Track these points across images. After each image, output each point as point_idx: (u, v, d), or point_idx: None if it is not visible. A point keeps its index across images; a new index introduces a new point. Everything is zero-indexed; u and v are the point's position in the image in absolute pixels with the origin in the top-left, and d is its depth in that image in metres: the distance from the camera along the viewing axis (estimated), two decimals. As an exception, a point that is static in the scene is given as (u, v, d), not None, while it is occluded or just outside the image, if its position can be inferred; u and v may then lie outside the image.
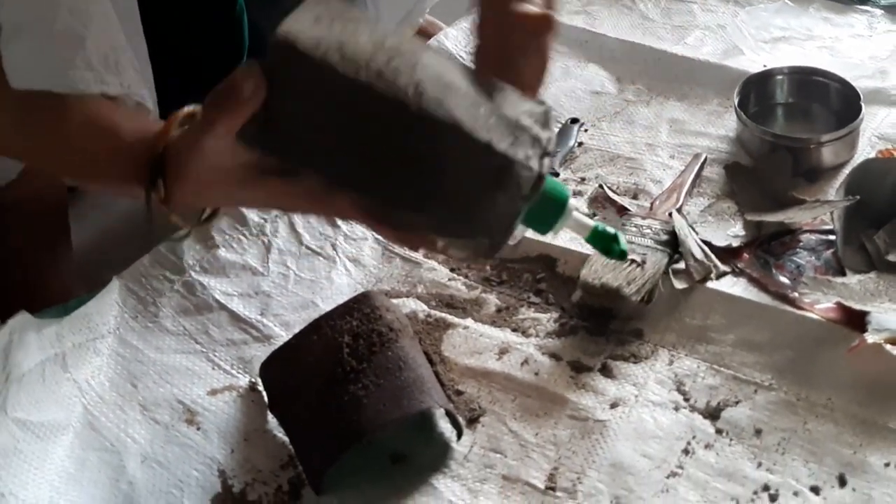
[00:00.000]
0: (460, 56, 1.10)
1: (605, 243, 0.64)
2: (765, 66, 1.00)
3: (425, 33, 1.16)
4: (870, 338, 0.70)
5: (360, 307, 0.75)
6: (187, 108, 0.65)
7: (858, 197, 0.81)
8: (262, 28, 1.04)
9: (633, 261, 0.79)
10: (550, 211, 0.62)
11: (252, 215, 0.93)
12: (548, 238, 0.86)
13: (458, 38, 1.11)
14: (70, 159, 0.70)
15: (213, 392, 0.78)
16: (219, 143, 0.61)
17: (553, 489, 0.67)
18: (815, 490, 0.65)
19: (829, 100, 0.96)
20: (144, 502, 0.70)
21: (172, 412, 0.76)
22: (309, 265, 0.89)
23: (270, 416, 0.75)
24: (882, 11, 1.09)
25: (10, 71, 0.67)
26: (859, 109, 0.90)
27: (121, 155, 0.65)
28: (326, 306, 0.82)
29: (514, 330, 0.80)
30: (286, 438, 0.73)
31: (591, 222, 0.64)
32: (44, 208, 0.96)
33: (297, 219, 0.92)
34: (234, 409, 0.76)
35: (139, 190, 0.64)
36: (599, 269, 0.79)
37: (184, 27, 0.99)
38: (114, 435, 0.74)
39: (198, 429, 0.75)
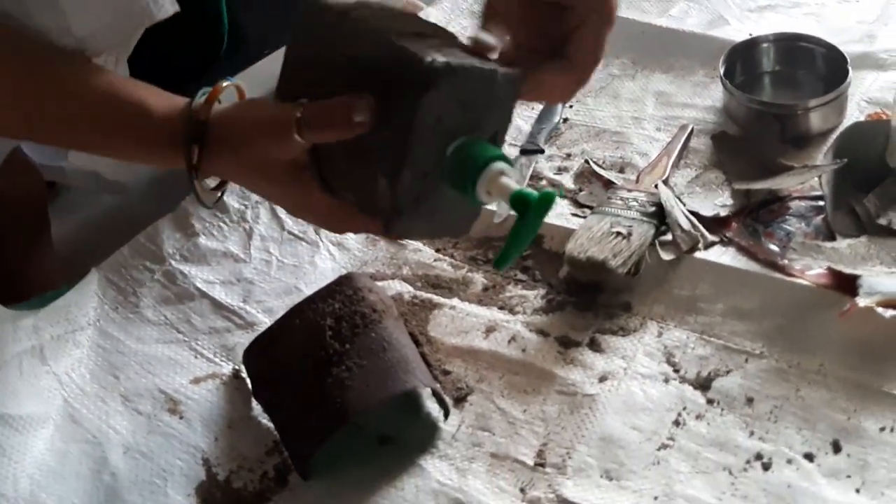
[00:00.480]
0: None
1: (531, 208, 0.57)
2: (750, 34, 0.98)
3: (411, 9, 1.14)
4: (861, 301, 0.69)
5: (343, 289, 0.74)
6: (226, 82, 0.65)
7: (846, 160, 0.79)
8: (241, 24, 1.03)
9: (618, 233, 0.78)
10: (468, 169, 0.57)
11: (232, 202, 0.91)
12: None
13: (438, 18, 1.09)
14: (90, 131, 0.68)
15: (196, 381, 0.76)
16: (277, 148, 0.61)
17: (542, 465, 0.66)
18: (809, 457, 0.64)
19: (815, 66, 0.94)
20: (127, 493, 0.69)
21: (155, 402, 0.75)
22: (292, 250, 0.88)
23: (255, 403, 0.74)
24: (868, -25, 1.07)
25: None
26: (846, 73, 0.88)
27: (151, 123, 0.65)
28: (310, 291, 0.81)
29: (500, 308, 0.79)
30: (271, 425, 0.71)
31: (515, 186, 0.57)
32: (23, 200, 0.95)
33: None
34: (218, 398, 0.75)
35: (171, 155, 0.64)
36: (585, 243, 0.78)
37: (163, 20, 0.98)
38: (95, 426, 0.73)
39: (181, 418, 0.74)
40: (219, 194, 0.70)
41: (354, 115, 0.57)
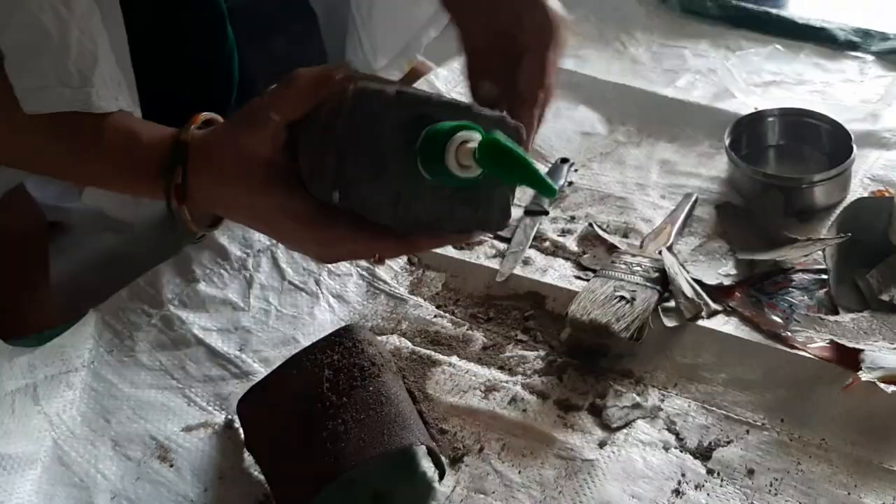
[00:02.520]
0: (451, 95, 1.09)
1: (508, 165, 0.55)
2: (756, 108, 1.00)
3: (417, 73, 1.15)
4: (864, 376, 0.69)
5: (342, 341, 0.73)
6: (205, 115, 0.68)
7: (850, 234, 0.80)
8: (252, 65, 1.04)
9: (622, 297, 0.78)
10: (432, 148, 0.57)
11: (234, 249, 0.91)
12: (536, 275, 0.86)
13: (448, 79, 1.11)
14: (86, 166, 0.70)
15: (188, 429, 0.75)
16: (254, 137, 0.63)
17: (538, 529, 0.65)
18: (810, 532, 0.63)
19: (820, 141, 0.95)
20: (112, 541, 0.67)
21: (145, 448, 0.73)
22: (291, 301, 0.87)
23: (247, 455, 0.72)
24: (873, 58, 1.09)
25: (22, 95, 0.67)
26: (851, 150, 0.89)
27: (141, 152, 0.67)
28: (308, 343, 0.80)
29: (500, 368, 0.78)
30: (262, 477, 0.70)
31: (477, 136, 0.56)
32: (22, 236, 0.94)
33: (280, 253, 0.91)
34: (210, 447, 0.74)
35: (155, 185, 0.65)
36: (588, 306, 0.77)
37: (174, 63, 0.99)
38: (83, 470, 0.71)
39: (171, 466, 0.72)
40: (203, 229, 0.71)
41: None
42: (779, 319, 0.78)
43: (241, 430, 0.73)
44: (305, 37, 1.11)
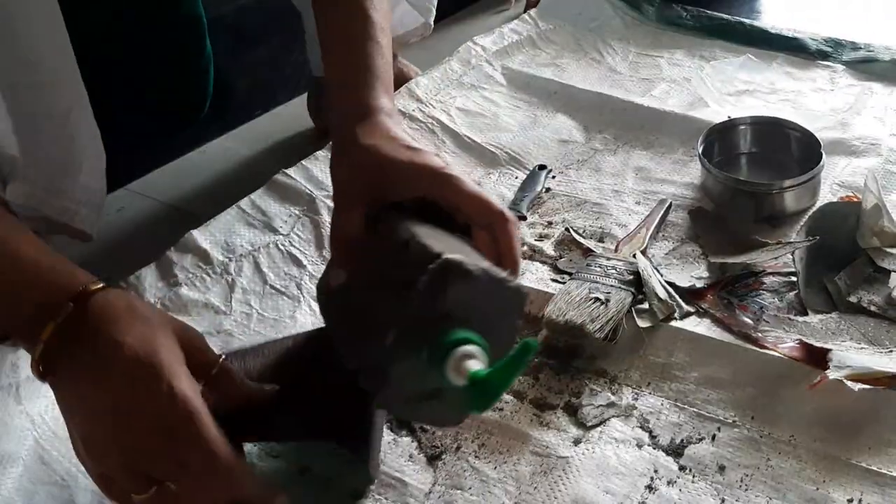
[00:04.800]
0: (430, 104, 1.11)
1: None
2: (729, 117, 1.02)
3: (402, 77, 1.17)
4: (832, 375, 0.70)
5: (321, 334, 0.74)
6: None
7: (819, 237, 0.82)
8: (227, 77, 1.06)
9: (597, 299, 0.79)
10: (440, 348, 0.58)
11: (216, 254, 0.92)
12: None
13: (428, 87, 1.12)
14: None
15: (170, 428, 0.76)
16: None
17: (514, 524, 0.66)
18: (778, 526, 0.64)
19: (790, 149, 0.97)
20: (93, 538, 0.68)
21: (127, 447, 0.74)
22: (273, 304, 0.88)
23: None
24: (843, 67, 1.12)
25: None
26: (820, 157, 0.92)
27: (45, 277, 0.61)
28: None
29: (477, 368, 0.79)
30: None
31: (476, 367, 0.56)
32: None
33: (262, 258, 0.92)
34: (191, 446, 0.75)
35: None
36: (564, 307, 0.79)
37: (150, 73, 1.00)
38: (64, 469, 0.72)
39: (152, 464, 0.73)
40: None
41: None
42: (749, 321, 0.79)
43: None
44: (285, 48, 1.13)
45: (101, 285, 0.61)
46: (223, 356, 0.66)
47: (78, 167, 0.84)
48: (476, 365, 0.56)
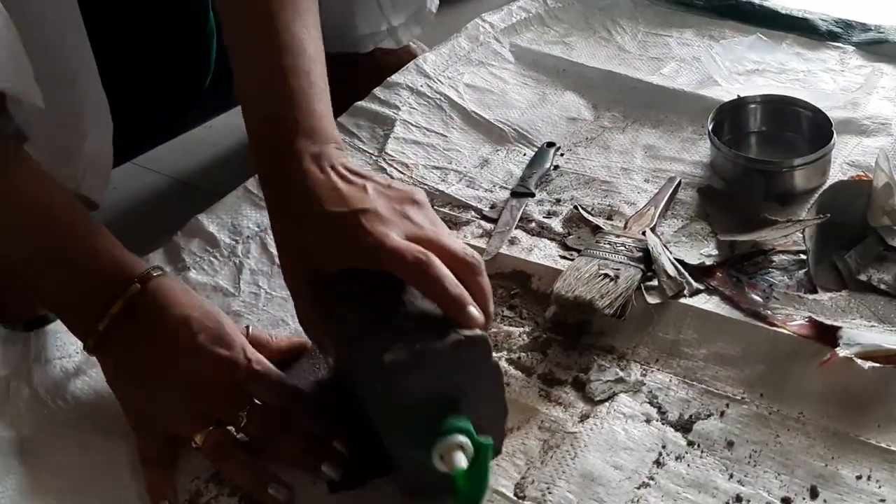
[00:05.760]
0: (438, 80, 1.11)
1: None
2: (738, 96, 1.01)
3: (409, 54, 1.16)
4: (841, 352, 0.70)
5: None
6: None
7: (829, 215, 0.81)
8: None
9: (606, 275, 0.79)
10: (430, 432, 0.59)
11: (223, 237, 0.92)
12: (522, 254, 0.87)
13: (436, 63, 1.12)
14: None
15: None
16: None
17: (522, 499, 0.66)
18: (787, 501, 0.64)
19: (801, 128, 0.97)
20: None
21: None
22: (281, 283, 0.86)
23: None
24: (853, 48, 1.11)
25: None
26: (831, 136, 0.91)
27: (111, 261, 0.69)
28: (297, 324, 0.81)
29: (485, 344, 0.79)
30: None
31: (462, 464, 0.57)
32: None
33: (269, 238, 0.92)
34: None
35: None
36: (573, 283, 0.79)
37: (152, 43, 0.99)
38: (76, 453, 0.72)
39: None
40: None
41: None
42: (758, 298, 0.79)
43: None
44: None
45: (160, 271, 0.70)
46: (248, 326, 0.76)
47: (85, 134, 0.84)
48: (462, 461, 0.57)
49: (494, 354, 0.77)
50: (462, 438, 0.58)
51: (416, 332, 0.61)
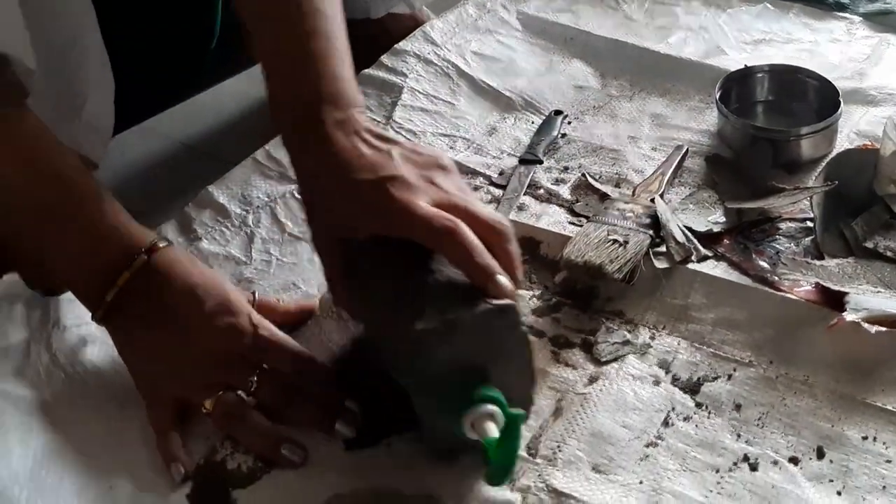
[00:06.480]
0: (446, 48, 1.11)
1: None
2: (746, 65, 1.01)
3: (416, 21, 1.16)
4: (849, 316, 0.71)
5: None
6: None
7: (837, 182, 0.82)
8: (236, 21, 1.05)
9: (615, 241, 0.80)
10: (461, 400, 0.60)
11: (234, 207, 0.93)
12: (531, 220, 0.88)
13: (443, 30, 1.12)
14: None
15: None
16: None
17: (533, 455, 0.67)
18: (794, 461, 0.65)
19: (808, 97, 0.97)
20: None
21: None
22: (292, 250, 0.88)
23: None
24: (860, 18, 1.11)
25: None
26: (838, 105, 0.91)
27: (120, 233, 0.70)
28: (308, 288, 0.83)
29: (495, 307, 0.80)
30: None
31: (494, 434, 0.59)
32: None
33: (279, 208, 0.93)
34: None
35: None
36: (582, 248, 0.79)
37: (156, 3, 0.99)
38: (94, 417, 0.73)
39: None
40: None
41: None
42: (766, 265, 0.80)
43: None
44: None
45: (166, 242, 0.71)
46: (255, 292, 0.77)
47: (86, 93, 0.84)
48: (493, 430, 0.59)
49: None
50: (493, 408, 0.59)
51: (446, 300, 0.61)
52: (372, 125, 0.69)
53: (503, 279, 0.61)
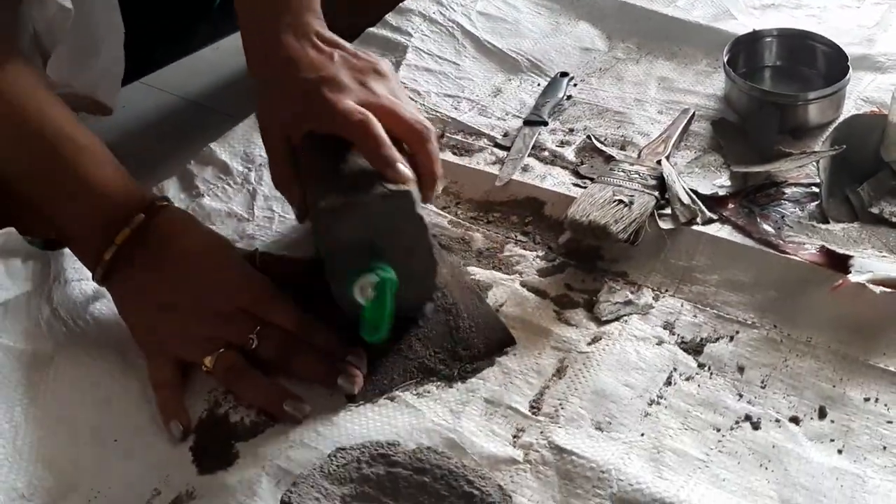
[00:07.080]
0: (451, 7, 1.10)
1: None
2: (754, 29, 1.01)
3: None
4: (853, 278, 0.71)
5: None
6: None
7: (844, 146, 0.82)
8: None
9: (620, 201, 0.80)
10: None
11: (236, 164, 0.92)
12: (535, 181, 0.88)
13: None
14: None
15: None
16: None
17: (536, 413, 0.67)
18: (796, 420, 0.66)
19: (816, 62, 0.96)
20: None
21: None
22: (293, 206, 0.88)
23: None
24: (870, -16, 1.10)
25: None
26: (846, 70, 0.91)
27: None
28: (309, 245, 0.82)
29: (499, 267, 0.80)
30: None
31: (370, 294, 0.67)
32: None
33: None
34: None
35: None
36: (587, 208, 0.79)
37: None
38: (96, 371, 0.72)
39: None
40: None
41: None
42: (770, 229, 0.80)
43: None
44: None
45: (165, 202, 0.73)
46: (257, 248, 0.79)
47: (101, 40, 0.84)
48: (368, 291, 0.67)
49: (508, 277, 0.78)
50: (373, 276, 0.66)
51: (351, 184, 0.69)
52: (322, 29, 0.73)
53: (402, 167, 0.68)
